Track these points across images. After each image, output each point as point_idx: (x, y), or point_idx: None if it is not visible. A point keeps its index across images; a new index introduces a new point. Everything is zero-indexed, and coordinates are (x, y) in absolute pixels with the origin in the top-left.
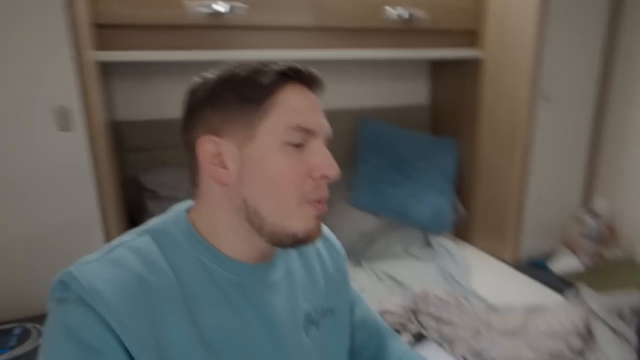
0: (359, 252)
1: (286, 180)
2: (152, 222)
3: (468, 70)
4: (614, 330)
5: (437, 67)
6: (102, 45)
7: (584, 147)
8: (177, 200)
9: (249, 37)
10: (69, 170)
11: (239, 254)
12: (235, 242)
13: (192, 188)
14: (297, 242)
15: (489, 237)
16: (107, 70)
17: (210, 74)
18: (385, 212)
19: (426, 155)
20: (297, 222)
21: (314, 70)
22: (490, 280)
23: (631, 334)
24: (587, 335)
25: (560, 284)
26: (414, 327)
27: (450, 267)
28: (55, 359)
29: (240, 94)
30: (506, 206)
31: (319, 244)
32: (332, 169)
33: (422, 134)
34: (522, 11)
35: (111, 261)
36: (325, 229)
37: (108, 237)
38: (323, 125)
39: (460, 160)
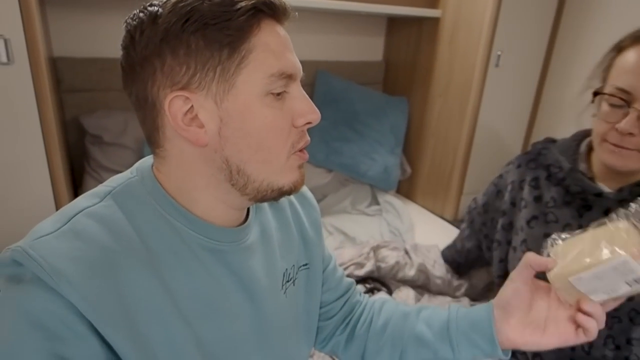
0: None
1: (273, 135)
2: (113, 182)
3: (425, 29)
4: None
5: (394, 24)
6: None
7: (526, 115)
8: (122, 147)
9: None
10: (12, 107)
11: (213, 217)
12: (211, 204)
13: (151, 147)
14: (282, 194)
15: (431, 196)
16: None
17: (158, 7)
18: (337, 168)
19: (379, 113)
20: (284, 176)
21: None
22: (432, 236)
23: None
24: None
25: None
26: (370, 264)
27: (396, 223)
28: (13, 348)
29: (209, 37)
30: (452, 167)
31: (293, 199)
32: (315, 114)
33: (376, 92)
34: None
35: (73, 234)
36: None
37: (53, 181)
38: (299, 66)
39: (409, 120)
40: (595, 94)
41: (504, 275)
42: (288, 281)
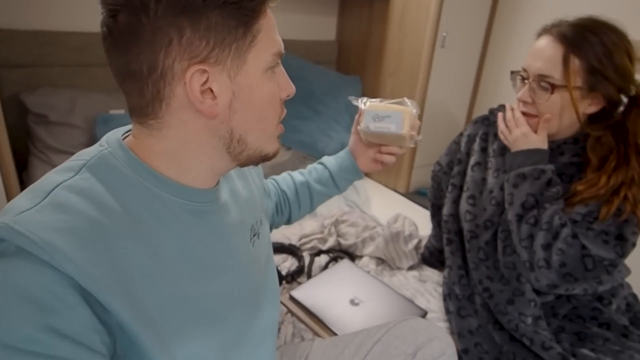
0: None
1: (272, 106)
2: (85, 155)
3: (376, 10)
4: None
5: (346, 4)
6: None
7: (469, 91)
8: (71, 126)
9: None
10: None
11: (196, 183)
12: (200, 172)
13: (141, 118)
14: (264, 160)
15: (384, 171)
16: None
17: None
18: (295, 145)
19: (334, 92)
20: (272, 143)
21: None
22: (386, 207)
23: None
24: None
25: None
26: (332, 240)
27: (353, 197)
28: (5, 322)
29: (227, 15)
30: None
31: None
32: (293, 88)
33: (331, 71)
34: None
35: (54, 207)
36: None
37: (1, 162)
38: None
39: None
40: (512, 72)
41: (454, 215)
42: (254, 235)
